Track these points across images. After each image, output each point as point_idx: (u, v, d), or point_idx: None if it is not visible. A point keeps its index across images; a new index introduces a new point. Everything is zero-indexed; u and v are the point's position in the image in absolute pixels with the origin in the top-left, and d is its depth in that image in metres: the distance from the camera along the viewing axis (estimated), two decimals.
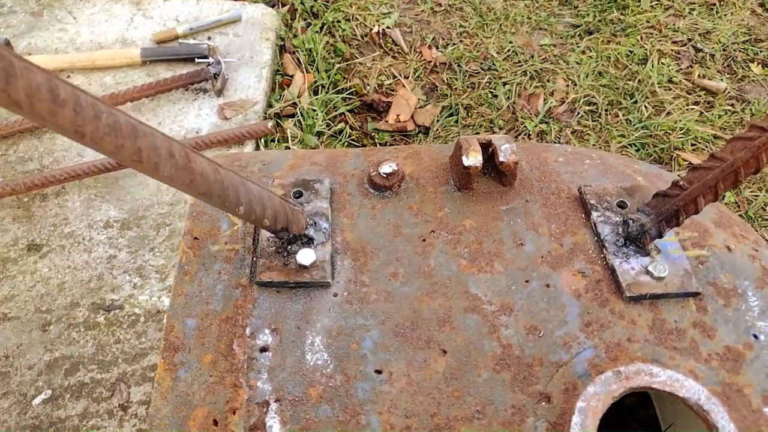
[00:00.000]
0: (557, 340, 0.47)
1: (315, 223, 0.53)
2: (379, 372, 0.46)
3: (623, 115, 1.58)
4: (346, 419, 0.44)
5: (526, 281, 0.51)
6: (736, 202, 1.45)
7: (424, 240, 0.54)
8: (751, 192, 1.46)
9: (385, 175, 0.56)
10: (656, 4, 1.82)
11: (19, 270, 1.15)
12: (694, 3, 1.83)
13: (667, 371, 0.44)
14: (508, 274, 0.51)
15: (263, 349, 0.47)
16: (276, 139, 1.38)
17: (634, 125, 1.56)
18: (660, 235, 0.49)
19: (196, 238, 0.54)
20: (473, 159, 0.53)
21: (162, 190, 1.26)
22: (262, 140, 1.32)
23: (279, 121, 1.41)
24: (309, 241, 0.52)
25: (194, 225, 0.55)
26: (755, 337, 0.48)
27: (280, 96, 1.45)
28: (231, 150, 1.32)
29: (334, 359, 0.47)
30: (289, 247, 0.51)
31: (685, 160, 1.51)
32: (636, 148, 1.52)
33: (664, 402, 0.59)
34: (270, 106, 1.42)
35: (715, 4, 1.81)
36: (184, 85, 1.38)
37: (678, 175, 0.56)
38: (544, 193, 0.57)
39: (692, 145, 1.53)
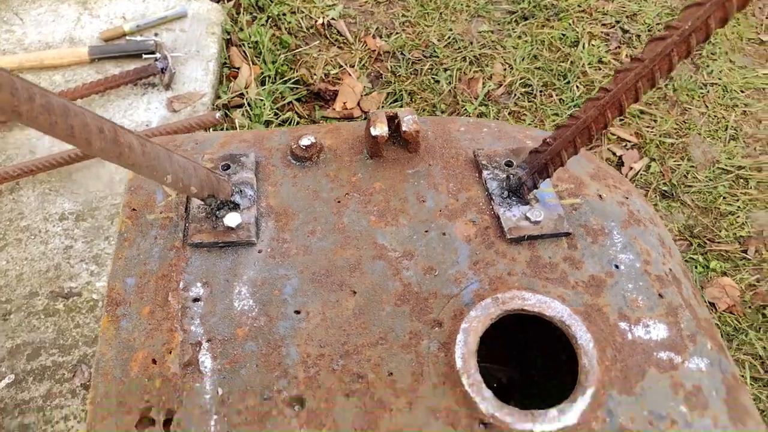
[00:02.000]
0: (449, 277, 0.55)
1: (241, 191, 0.60)
2: (297, 312, 0.54)
3: (557, 95, 1.68)
4: (269, 352, 0.52)
5: (426, 231, 0.59)
6: (661, 172, 1.56)
7: (339, 201, 0.61)
8: (675, 161, 1.58)
9: (304, 147, 0.64)
10: None
11: None
12: None
13: (537, 296, 0.52)
14: (411, 226, 0.59)
15: (195, 300, 0.54)
16: (225, 128, 1.44)
17: (567, 104, 1.66)
18: (535, 186, 0.58)
19: (133, 209, 0.61)
20: (380, 129, 0.61)
21: (115, 181, 1.30)
22: (211, 130, 1.38)
23: (227, 111, 1.47)
24: (235, 207, 0.59)
25: (132, 198, 0.61)
26: (616, 267, 0.57)
27: (228, 88, 1.51)
28: None
29: (259, 304, 0.54)
30: (218, 212, 0.58)
31: (614, 135, 1.62)
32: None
33: None
34: (218, 97, 1.48)
35: None
36: (133, 81, 1.42)
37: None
38: (445, 158, 0.65)
39: (620, 120, 1.64)
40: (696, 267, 1.42)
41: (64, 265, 1.19)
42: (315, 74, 1.66)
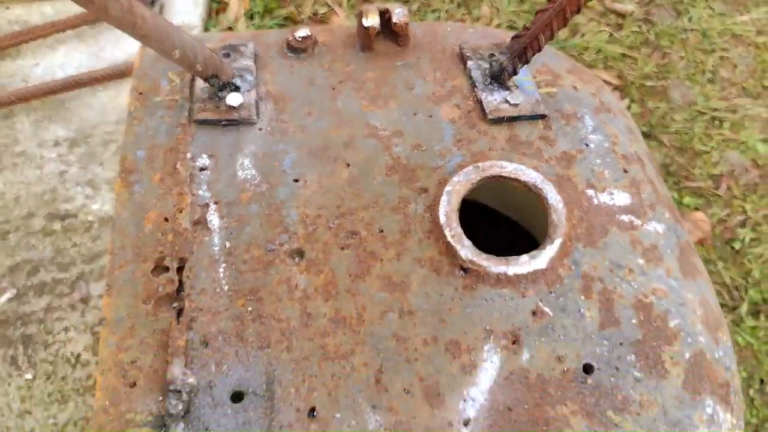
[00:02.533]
0: (435, 152, 0.61)
1: (242, 76, 0.65)
2: (296, 180, 0.59)
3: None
4: (271, 212, 0.57)
5: (414, 114, 0.64)
6: (641, 112, 1.63)
7: (333, 88, 0.66)
8: (654, 103, 1.64)
9: (300, 39, 0.68)
10: None
11: None
12: None
13: (513, 164, 0.58)
14: (400, 110, 0.64)
15: (202, 169, 0.60)
16: None
17: (552, 46, 1.71)
18: (515, 72, 0.63)
19: (140, 93, 0.65)
20: (371, 20, 0.66)
21: (107, 110, 1.34)
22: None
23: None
24: (236, 89, 0.64)
25: (139, 82, 0.66)
26: (586, 145, 0.63)
27: (217, 21, 1.54)
28: None
29: (260, 174, 0.60)
30: (220, 93, 0.63)
31: (598, 77, 1.67)
32: None
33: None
34: (207, 30, 1.50)
35: None
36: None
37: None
38: (432, 52, 0.70)
39: (604, 62, 1.70)
40: (673, 201, 1.50)
41: (60, 189, 1.23)
42: (302, 12, 1.69)
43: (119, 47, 1.41)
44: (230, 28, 1.52)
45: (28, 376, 1.04)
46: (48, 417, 1.01)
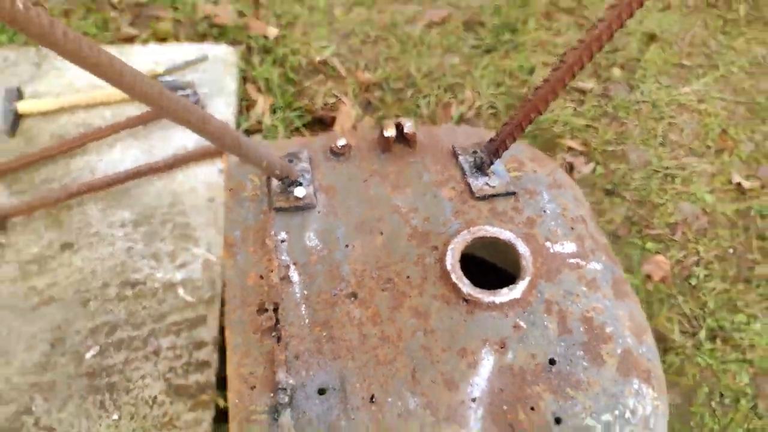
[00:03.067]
0: (440, 222, 0.89)
1: (303, 175, 0.93)
2: (347, 246, 0.86)
3: None
4: (331, 269, 0.84)
5: (424, 195, 0.92)
6: (605, 173, 1.93)
7: (365, 181, 0.95)
8: (615, 165, 1.95)
9: (340, 147, 0.97)
10: (539, 27, 2.32)
11: (58, 264, 1.49)
12: (569, 24, 2.34)
13: (494, 227, 0.86)
14: (414, 194, 0.93)
15: (282, 241, 0.87)
16: None
17: (532, 124, 2.02)
18: (492, 163, 0.92)
19: (231, 189, 0.93)
20: (390, 131, 0.95)
21: (162, 195, 1.62)
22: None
23: (249, 134, 1.80)
24: (300, 185, 0.92)
25: (229, 182, 0.94)
26: (544, 212, 0.91)
27: (247, 117, 1.85)
28: (212, 163, 1.70)
29: (322, 242, 0.87)
30: (289, 188, 0.91)
31: (565, 145, 1.99)
32: (530, 138, 1.99)
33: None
34: (239, 125, 1.81)
35: (583, 24, 2.33)
36: None
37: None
38: (433, 151, 0.99)
39: (570, 133, 2.01)
40: (635, 248, 1.78)
41: (128, 262, 1.50)
42: (316, 103, 2.01)
43: (167, 144, 1.71)
44: (260, 122, 1.83)
45: (115, 416, 1.28)
46: None
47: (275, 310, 0.80)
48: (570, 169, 1.92)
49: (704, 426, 1.49)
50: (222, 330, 1.42)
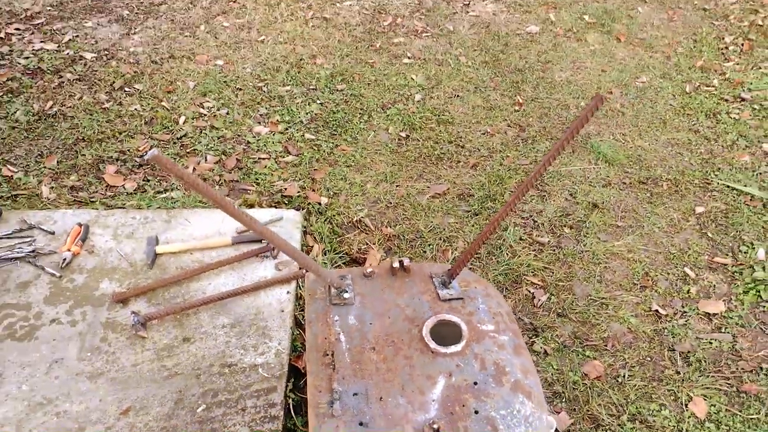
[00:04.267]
0: (421, 312, 1.59)
1: (348, 287, 1.66)
2: (370, 323, 1.56)
3: (495, 258, 2.78)
4: (362, 336, 1.53)
5: (413, 298, 1.63)
6: (557, 302, 2.60)
7: (382, 290, 1.67)
8: (564, 296, 2.62)
9: (368, 272, 1.71)
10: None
11: (180, 351, 2.19)
12: (534, 196, 3.16)
13: (450, 315, 1.56)
14: (409, 298, 1.64)
15: (336, 320, 1.57)
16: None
17: (501, 264, 2.75)
18: (450, 282, 1.64)
19: (310, 294, 1.66)
20: (396, 264, 1.69)
21: (250, 308, 2.35)
22: (300, 280, 2.46)
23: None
24: (346, 291, 1.64)
25: (309, 290, 1.67)
26: (478, 309, 1.60)
27: (308, 254, 2.62)
28: (283, 287, 2.45)
29: (357, 322, 1.57)
30: (340, 293, 1.64)
31: (529, 280, 2.68)
32: (502, 275, 2.71)
33: None
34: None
35: (545, 194, 3.14)
36: (256, 254, 2.54)
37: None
38: (420, 276, 1.72)
39: (532, 272, 2.72)
40: (577, 355, 2.40)
41: (227, 351, 2.19)
42: (353, 249, 2.78)
43: (254, 274, 2.48)
44: (315, 259, 2.60)
45: None
46: None
47: (332, 354, 1.50)
48: (532, 297, 2.61)
49: None
50: (286, 400, 2.07)
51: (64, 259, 2.48)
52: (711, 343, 2.42)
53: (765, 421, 2.15)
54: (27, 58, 3.98)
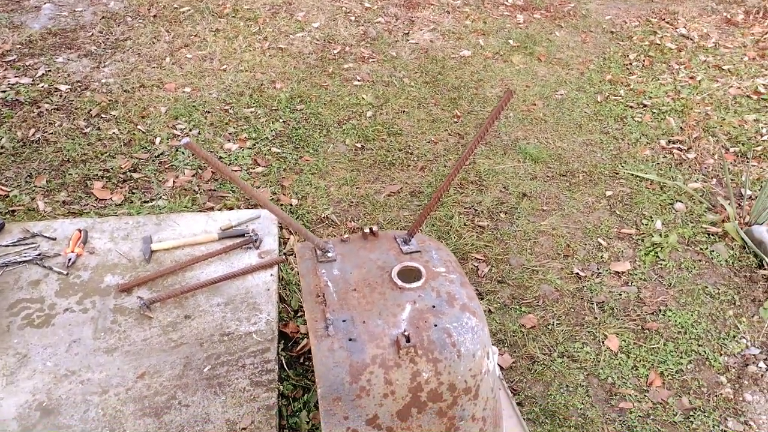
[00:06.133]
0: (389, 263, 2.04)
1: (330, 248, 2.09)
2: (350, 273, 2.00)
3: (445, 241, 3.27)
4: (345, 282, 1.96)
5: (382, 253, 2.08)
6: (497, 272, 3.09)
7: (357, 250, 2.11)
8: (502, 266, 3.13)
9: (345, 238, 2.15)
10: (456, 192, 3.65)
11: (183, 326, 2.55)
12: (474, 190, 3.68)
13: (411, 262, 2.01)
14: (378, 253, 2.08)
15: (323, 273, 2.00)
16: (285, 264, 2.92)
17: (450, 245, 3.24)
18: (410, 240, 2.10)
19: (301, 257, 2.08)
20: (367, 230, 2.14)
21: (240, 289, 2.73)
22: (281, 265, 2.86)
23: (286, 255, 2.96)
24: (329, 252, 2.07)
25: (299, 253, 2.09)
26: (432, 257, 2.06)
27: (284, 246, 3.02)
28: (267, 271, 2.84)
29: (340, 272, 2.00)
30: (325, 253, 2.06)
31: (474, 257, 3.17)
32: (454, 250, 3.18)
33: None
34: (281, 251, 2.98)
35: (483, 188, 3.67)
36: (241, 246, 2.92)
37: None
38: (386, 238, 2.17)
39: (476, 250, 3.21)
40: (515, 311, 2.89)
41: (223, 324, 2.56)
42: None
43: (241, 262, 2.86)
44: (291, 249, 3.00)
45: (222, 398, 2.27)
46: None
47: (323, 296, 1.92)
48: (476, 270, 3.10)
49: (558, 403, 2.50)
50: (279, 357, 2.45)
51: (70, 259, 2.80)
52: (621, 294, 2.97)
53: (664, 350, 2.69)
54: (4, 91, 4.26)
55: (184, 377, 2.33)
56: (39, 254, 2.83)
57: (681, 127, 4.32)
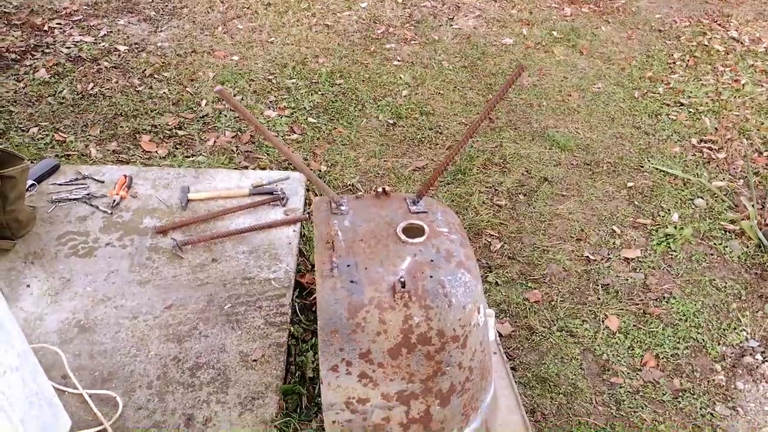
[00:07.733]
0: (397, 220, 2.20)
1: (344, 202, 2.27)
2: (360, 225, 2.17)
3: (462, 216, 3.40)
4: (354, 232, 2.14)
5: (391, 211, 2.25)
6: (510, 249, 3.21)
7: (369, 208, 2.28)
8: (515, 244, 3.24)
9: (359, 195, 2.32)
10: (479, 172, 3.77)
11: (210, 268, 2.78)
12: (497, 171, 3.79)
13: (417, 221, 2.17)
14: (387, 211, 2.25)
15: (335, 223, 2.18)
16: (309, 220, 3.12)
17: (466, 220, 3.37)
18: (419, 202, 2.26)
19: (318, 208, 2.27)
20: (380, 190, 2.31)
21: (264, 240, 2.94)
22: (304, 223, 3.06)
23: (310, 215, 3.16)
24: (342, 205, 2.25)
25: (316, 205, 2.28)
26: (436, 218, 2.21)
27: (310, 206, 3.22)
28: (290, 227, 3.05)
29: (350, 224, 2.18)
30: (339, 207, 2.24)
31: (488, 233, 3.30)
32: (467, 229, 3.32)
33: None
34: (305, 209, 3.18)
35: (506, 170, 3.78)
36: (269, 202, 3.14)
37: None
38: (396, 198, 2.33)
39: (491, 227, 3.34)
40: (521, 286, 3.02)
41: (246, 269, 2.78)
42: None
43: (267, 216, 3.07)
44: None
45: (238, 332, 2.49)
46: None
47: (332, 243, 2.10)
48: (489, 245, 3.23)
49: (551, 372, 2.62)
50: (293, 303, 2.66)
51: (114, 201, 3.07)
52: (627, 279, 3.05)
53: (662, 334, 2.77)
54: (68, 48, 4.59)
55: (206, 312, 2.56)
56: (88, 194, 3.12)
57: (716, 128, 4.31)
